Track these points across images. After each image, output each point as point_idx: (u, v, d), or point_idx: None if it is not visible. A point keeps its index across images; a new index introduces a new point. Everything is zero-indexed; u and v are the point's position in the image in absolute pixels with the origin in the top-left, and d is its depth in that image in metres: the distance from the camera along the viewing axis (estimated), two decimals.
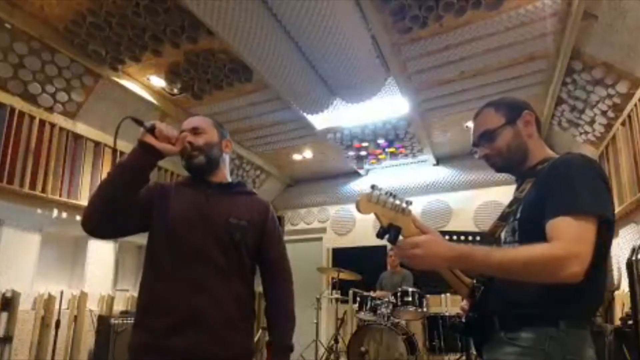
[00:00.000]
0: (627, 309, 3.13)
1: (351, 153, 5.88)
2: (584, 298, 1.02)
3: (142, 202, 1.42)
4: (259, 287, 1.55)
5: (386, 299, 4.45)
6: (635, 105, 3.33)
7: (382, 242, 1.12)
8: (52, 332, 3.76)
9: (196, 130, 1.49)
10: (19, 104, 3.63)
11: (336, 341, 4.93)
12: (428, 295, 4.50)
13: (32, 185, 3.69)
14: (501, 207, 1.29)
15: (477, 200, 5.94)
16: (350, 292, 5.01)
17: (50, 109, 3.87)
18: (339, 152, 5.89)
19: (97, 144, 4.28)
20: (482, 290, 1.21)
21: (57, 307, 3.93)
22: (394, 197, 1.08)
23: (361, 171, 6.64)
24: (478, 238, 3.60)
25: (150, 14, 3.19)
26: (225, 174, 1.57)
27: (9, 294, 3.66)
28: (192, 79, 4.12)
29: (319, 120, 5.02)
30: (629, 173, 3.50)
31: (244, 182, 1.65)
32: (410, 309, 4.35)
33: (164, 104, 4.52)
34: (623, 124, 3.61)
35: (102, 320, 3.98)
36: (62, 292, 3.96)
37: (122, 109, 4.24)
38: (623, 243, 3.70)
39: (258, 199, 1.60)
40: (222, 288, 1.37)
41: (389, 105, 4.69)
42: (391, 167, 6.45)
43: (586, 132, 4.28)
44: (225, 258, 1.39)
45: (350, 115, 4.91)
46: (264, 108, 4.74)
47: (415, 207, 6.09)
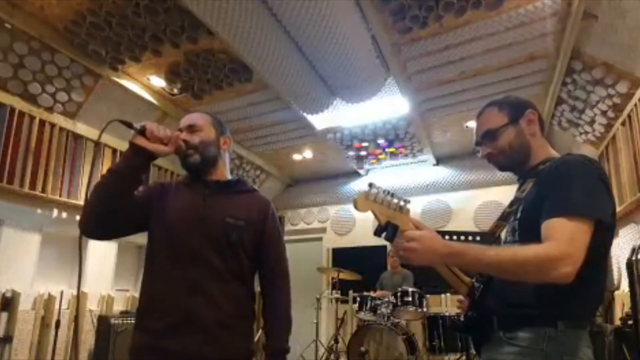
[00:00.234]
0: (627, 309, 3.13)
1: (351, 153, 5.88)
2: (583, 298, 1.02)
3: (139, 203, 1.41)
4: (258, 287, 1.53)
5: (386, 299, 4.46)
6: (635, 105, 3.33)
7: (382, 242, 1.13)
8: (52, 332, 3.77)
9: (192, 128, 1.47)
10: (19, 104, 3.63)
11: (336, 341, 4.93)
12: (428, 295, 4.50)
13: (32, 185, 3.70)
14: (501, 207, 1.29)
15: (477, 200, 5.94)
16: (350, 292, 5.01)
17: (50, 109, 3.87)
18: (339, 152, 5.88)
19: (97, 144, 4.29)
20: (481, 290, 1.21)
21: (57, 307, 3.93)
22: (392, 195, 1.08)
23: (361, 171, 6.63)
24: (478, 238, 3.60)
25: (150, 14, 3.19)
26: (224, 172, 1.54)
27: (9, 294, 3.66)
28: (192, 79, 4.11)
29: (319, 120, 5.02)
30: (629, 173, 3.49)
31: (244, 179, 1.61)
32: (410, 309, 4.35)
33: (164, 104, 4.52)
34: (623, 124, 3.61)
35: (102, 320, 3.98)
36: (62, 292, 3.96)
37: (122, 109, 4.24)
38: (623, 243, 3.70)
39: (258, 197, 1.57)
40: (219, 289, 1.36)
41: (389, 105, 4.69)
42: (391, 167, 6.45)
43: (586, 132, 4.27)
44: (222, 259, 1.38)
45: (350, 115, 4.91)
46: (264, 108, 4.74)
47: (415, 207, 6.11)
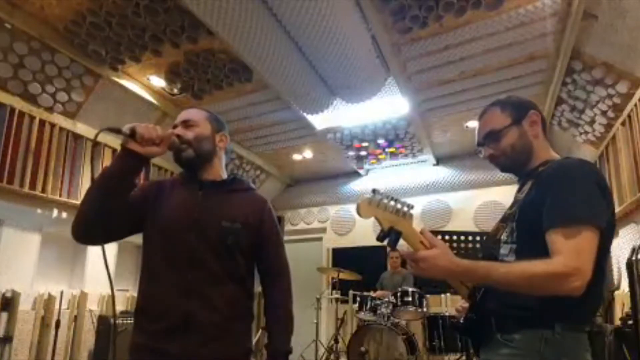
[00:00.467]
0: (627, 309, 3.13)
1: (351, 153, 5.88)
2: (581, 301, 1.01)
3: (134, 204, 1.38)
4: (259, 287, 1.53)
5: (386, 299, 4.46)
6: (635, 105, 3.33)
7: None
8: (52, 332, 3.77)
9: (187, 123, 1.45)
10: (19, 104, 3.63)
11: (336, 341, 4.93)
12: (428, 295, 4.49)
13: (32, 185, 3.70)
14: (501, 206, 1.30)
15: (477, 200, 5.93)
16: (350, 292, 5.01)
17: (50, 109, 3.87)
18: (339, 152, 5.88)
19: (97, 144, 4.28)
20: (482, 292, 1.21)
21: (57, 307, 3.93)
22: (395, 200, 1.07)
23: (361, 171, 6.63)
24: (478, 238, 3.60)
25: (150, 14, 3.19)
26: (219, 170, 1.51)
27: (9, 294, 3.65)
28: (192, 79, 4.11)
29: (319, 120, 5.02)
30: (629, 173, 3.49)
31: (240, 177, 1.58)
32: (410, 309, 4.35)
33: (164, 104, 4.52)
34: (623, 124, 3.60)
35: (102, 320, 3.97)
36: (62, 292, 3.96)
37: (122, 109, 4.24)
38: (623, 243, 3.70)
39: (254, 196, 1.54)
40: (215, 292, 1.34)
41: (389, 105, 4.69)
42: (391, 167, 6.44)
43: (586, 132, 4.27)
44: (219, 262, 1.36)
45: (350, 115, 4.91)
46: (264, 108, 4.74)
47: (415, 207, 6.03)
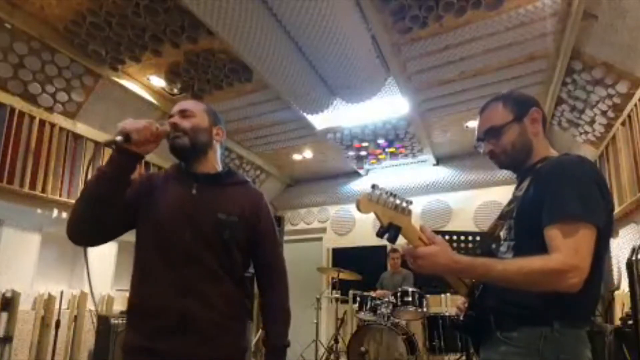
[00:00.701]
0: (627, 309, 3.13)
1: (351, 153, 5.88)
2: (579, 299, 1.02)
3: (128, 201, 1.34)
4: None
5: (386, 299, 4.46)
6: (635, 105, 3.33)
7: (382, 242, 1.13)
8: (52, 332, 3.76)
9: (184, 113, 1.43)
10: (19, 104, 3.63)
11: (336, 341, 4.94)
12: (428, 295, 4.50)
13: (32, 185, 3.70)
14: (501, 207, 1.30)
15: (477, 200, 5.94)
16: (350, 292, 5.01)
17: (50, 109, 3.87)
18: (339, 152, 5.88)
19: (97, 144, 4.28)
20: (481, 289, 1.22)
21: (57, 307, 3.93)
22: (395, 196, 1.08)
23: (361, 171, 6.64)
24: (478, 238, 3.59)
25: (150, 14, 3.19)
26: (214, 164, 1.48)
27: (9, 294, 3.65)
28: (192, 79, 4.11)
29: (319, 120, 5.02)
30: (629, 173, 3.49)
31: (235, 170, 1.56)
32: (410, 309, 4.35)
33: (164, 104, 4.52)
34: (623, 124, 3.61)
35: (102, 320, 3.97)
36: (62, 292, 3.96)
37: (122, 109, 4.24)
38: (623, 243, 3.70)
39: (250, 189, 1.51)
40: (212, 289, 1.32)
41: (389, 105, 4.69)
42: (391, 167, 6.45)
43: (586, 132, 4.27)
44: (216, 259, 1.34)
45: (350, 115, 4.91)
46: (264, 108, 4.74)
47: (415, 207, 6.09)
